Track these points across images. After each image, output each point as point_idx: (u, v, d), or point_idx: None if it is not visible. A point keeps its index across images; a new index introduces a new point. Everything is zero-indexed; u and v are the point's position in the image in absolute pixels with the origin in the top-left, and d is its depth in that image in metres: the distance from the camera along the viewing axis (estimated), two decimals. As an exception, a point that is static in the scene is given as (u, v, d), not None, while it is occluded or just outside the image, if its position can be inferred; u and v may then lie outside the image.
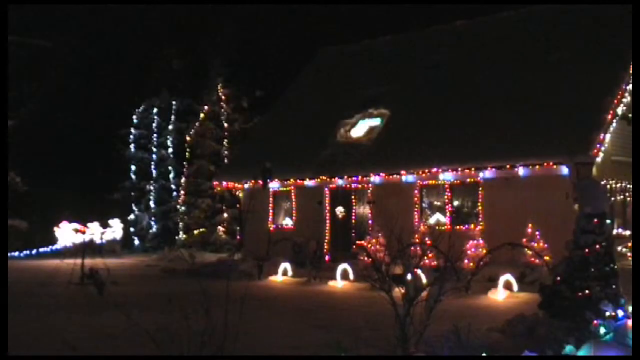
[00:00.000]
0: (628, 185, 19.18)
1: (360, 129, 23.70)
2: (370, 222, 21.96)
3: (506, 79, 21.44)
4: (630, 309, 8.67)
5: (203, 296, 5.91)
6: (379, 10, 41.96)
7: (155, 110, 36.36)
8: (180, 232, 33.26)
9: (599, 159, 17.67)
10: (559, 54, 20.76)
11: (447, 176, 20.47)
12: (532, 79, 20.73)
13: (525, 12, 24.20)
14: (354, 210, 23.07)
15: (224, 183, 26.60)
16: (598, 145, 17.62)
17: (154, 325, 6.72)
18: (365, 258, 17.91)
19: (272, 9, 41.95)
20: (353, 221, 22.96)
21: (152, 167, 36.15)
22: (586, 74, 19.55)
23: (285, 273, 20.37)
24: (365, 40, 29.13)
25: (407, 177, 21.24)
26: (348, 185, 22.94)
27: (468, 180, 20.18)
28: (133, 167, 36.31)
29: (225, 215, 32.53)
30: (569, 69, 20.10)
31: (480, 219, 19.81)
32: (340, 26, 39.46)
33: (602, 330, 7.75)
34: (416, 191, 21.30)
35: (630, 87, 18.58)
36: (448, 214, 20.71)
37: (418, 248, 14.59)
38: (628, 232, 18.31)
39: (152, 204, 35.90)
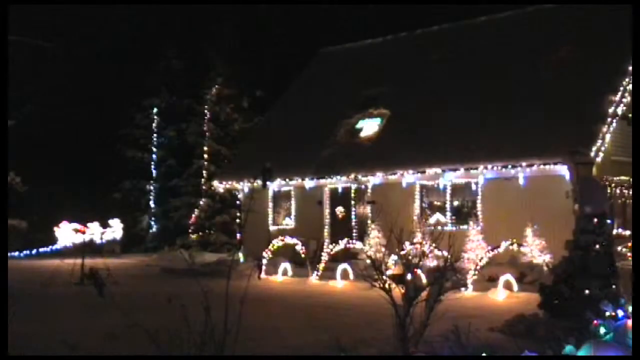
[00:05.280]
0: (629, 188, 19.14)
1: (360, 128, 23.69)
2: (370, 222, 21.94)
3: (506, 79, 21.42)
4: (630, 309, 8.66)
5: (203, 296, 5.91)
6: (379, 10, 41.93)
7: (155, 110, 36.35)
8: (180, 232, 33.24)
9: (599, 159, 17.67)
10: (559, 53, 20.75)
11: (447, 176, 20.47)
12: (532, 78, 20.72)
13: (525, 11, 24.18)
14: (354, 210, 23.06)
15: (224, 183, 26.59)
16: (598, 146, 17.61)
17: (154, 325, 6.71)
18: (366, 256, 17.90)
19: (272, 9, 41.91)
20: (353, 221, 22.96)
21: (152, 167, 36.14)
22: (586, 74, 19.54)
23: (285, 273, 20.39)
24: (365, 40, 29.09)
25: (407, 177, 21.23)
26: (348, 185, 22.93)
27: (468, 180, 20.18)
28: (133, 167, 36.30)
29: (225, 215, 32.49)
30: (569, 68, 20.08)
31: (480, 219, 19.81)
32: (340, 26, 39.41)
33: (602, 330, 7.74)
34: (416, 191, 21.30)
35: (630, 87, 18.57)
36: (448, 213, 20.72)
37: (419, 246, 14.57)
38: (628, 232, 18.29)
39: (152, 204, 35.89)
